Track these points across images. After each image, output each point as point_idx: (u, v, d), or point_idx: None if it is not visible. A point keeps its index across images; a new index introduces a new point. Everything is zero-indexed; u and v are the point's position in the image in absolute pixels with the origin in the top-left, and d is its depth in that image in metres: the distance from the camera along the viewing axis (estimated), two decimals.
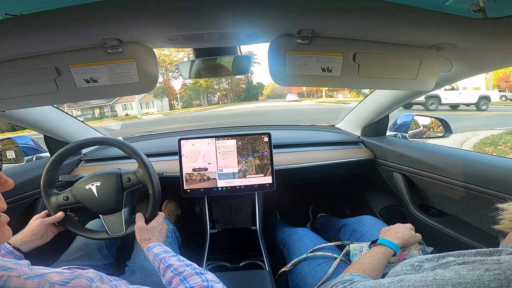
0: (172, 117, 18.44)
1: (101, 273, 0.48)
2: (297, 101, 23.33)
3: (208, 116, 15.25)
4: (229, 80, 30.32)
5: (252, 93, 32.83)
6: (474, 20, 0.52)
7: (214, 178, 1.13)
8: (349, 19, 0.57)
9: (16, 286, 0.38)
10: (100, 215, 0.83)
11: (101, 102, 23.04)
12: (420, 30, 0.61)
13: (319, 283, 0.73)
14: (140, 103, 24.59)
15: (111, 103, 23.12)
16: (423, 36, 0.65)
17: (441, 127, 1.35)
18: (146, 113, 24.17)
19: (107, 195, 0.81)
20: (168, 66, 26.96)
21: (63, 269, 0.60)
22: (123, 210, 0.82)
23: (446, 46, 0.68)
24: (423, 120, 1.42)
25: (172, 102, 28.54)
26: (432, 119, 1.39)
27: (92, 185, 0.81)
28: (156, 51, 0.68)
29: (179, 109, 26.88)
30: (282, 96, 28.52)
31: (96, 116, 23.60)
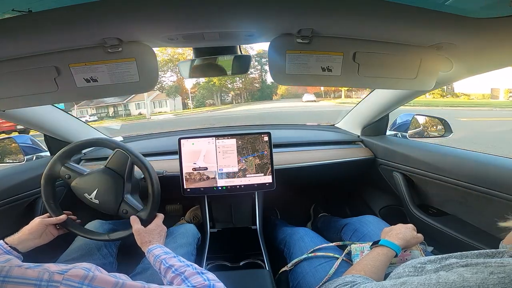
0: (183, 117, 17.75)
1: (94, 264, 0.49)
2: (315, 101, 22.15)
3: (221, 118, 14.11)
4: (243, 79, 29.78)
5: (266, 92, 31.73)
6: (474, 20, 0.52)
7: (214, 178, 1.14)
8: (349, 19, 0.57)
9: (18, 275, 0.40)
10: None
11: (115, 101, 22.99)
12: (420, 29, 0.61)
13: (321, 283, 0.72)
14: (153, 102, 24.37)
15: (124, 101, 23.07)
16: (423, 35, 0.65)
17: (441, 127, 1.35)
18: (159, 112, 23.80)
19: (108, 201, 0.82)
20: None
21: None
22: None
23: (446, 45, 0.68)
24: (423, 120, 1.42)
25: (185, 101, 27.91)
26: (432, 118, 1.39)
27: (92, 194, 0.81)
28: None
29: (192, 109, 26.26)
30: (297, 96, 27.23)
31: (110, 115, 23.55)
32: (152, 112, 23.58)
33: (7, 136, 1.26)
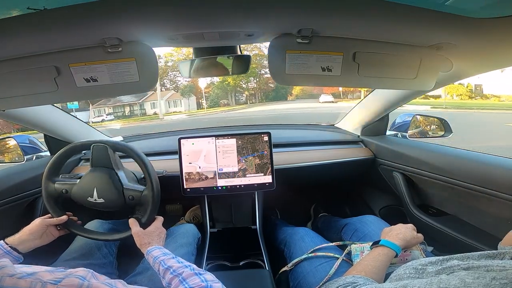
0: (196, 118, 17.06)
1: (91, 270, 0.48)
2: (333, 102, 20.31)
3: (237, 119, 13.14)
4: (257, 79, 29.02)
5: (281, 92, 30.17)
6: (474, 20, 0.52)
7: (214, 177, 1.14)
8: (349, 19, 0.57)
9: (10, 285, 0.39)
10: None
11: (131, 100, 23.30)
12: (420, 29, 0.61)
13: (321, 283, 0.72)
14: (168, 102, 24.26)
15: (140, 101, 23.25)
16: (423, 35, 0.65)
17: (441, 127, 1.35)
18: (173, 112, 23.56)
19: (111, 195, 0.81)
20: None
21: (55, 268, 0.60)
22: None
23: (446, 45, 0.68)
24: (423, 120, 1.42)
25: (200, 100, 27.30)
26: (432, 118, 1.39)
27: (96, 200, 0.81)
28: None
29: (205, 108, 25.46)
30: (313, 96, 25.60)
31: (126, 114, 23.81)
32: (167, 111, 23.41)
33: (7, 136, 1.26)
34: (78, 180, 0.83)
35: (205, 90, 27.62)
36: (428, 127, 1.41)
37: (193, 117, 17.83)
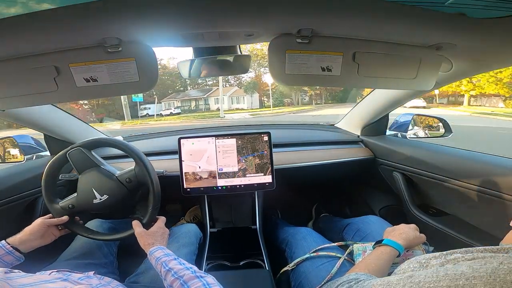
0: (260, 119, 15.04)
1: None
2: (424, 107, 15.84)
3: None
4: None
5: (350, 93, 26.06)
6: (474, 20, 0.52)
7: (214, 177, 1.14)
8: (349, 19, 0.57)
9: None
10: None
11: (197, 95, 24.09)
12: (420, 30, 0.61)
13: (323, 282, 0.73)
14: (231, 98, 23.72)
15: (205, 96, 23.67)
16: (423, 35, 0.65)
17: (441, 127, 1.35)
18: (236, 109, 22.72)
19: (110, 188, 0.81)
20: (261, 61, 23.07)
21: (51, 272, 0.60)
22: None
23: (446, 46, 0.68)
24: (423, 120, 1.42)
25: (262, 98, 25.86)
26: (432, 118, 1.39)
27: (100, 200, 0.81)
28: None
29: (269, 107, 23.18)
30: None
31: (192, 108, 24.44)
32: (230, 108, 22.80)
33: (7, 135, 1.26)
34: (76, 193, 0.83)
35: (270, 86, 25.51)
36: (428, 127, 1.41)
37: (258, 117, 15.59)
